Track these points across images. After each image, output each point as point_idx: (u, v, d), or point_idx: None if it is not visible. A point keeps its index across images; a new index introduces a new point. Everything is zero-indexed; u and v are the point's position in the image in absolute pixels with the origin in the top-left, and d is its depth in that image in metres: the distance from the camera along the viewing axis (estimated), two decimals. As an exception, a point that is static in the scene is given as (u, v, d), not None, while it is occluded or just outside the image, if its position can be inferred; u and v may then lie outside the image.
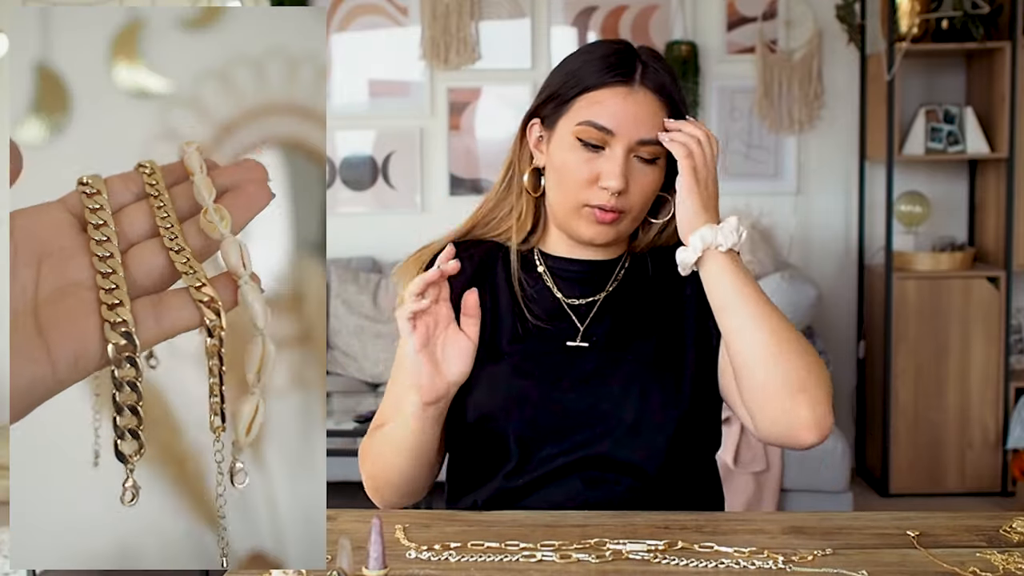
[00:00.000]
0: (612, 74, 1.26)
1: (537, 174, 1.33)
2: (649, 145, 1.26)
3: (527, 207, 1.34)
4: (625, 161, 1.25)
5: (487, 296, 1.32)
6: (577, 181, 1.26)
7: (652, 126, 1.26)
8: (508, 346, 1.30)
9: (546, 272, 1.34)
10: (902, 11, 3.65)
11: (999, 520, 1.15)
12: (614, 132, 1.25)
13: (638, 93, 1.26)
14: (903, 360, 3.75)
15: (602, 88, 1.26)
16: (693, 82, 3.98)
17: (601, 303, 1.32)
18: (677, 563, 1.03)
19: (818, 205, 4.09)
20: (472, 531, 1.13)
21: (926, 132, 3.80)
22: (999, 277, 3.73)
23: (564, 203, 1.29)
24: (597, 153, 1.26)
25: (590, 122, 1.25)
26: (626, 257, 1.35)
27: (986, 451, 3.75)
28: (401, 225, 4.09)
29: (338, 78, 4.09)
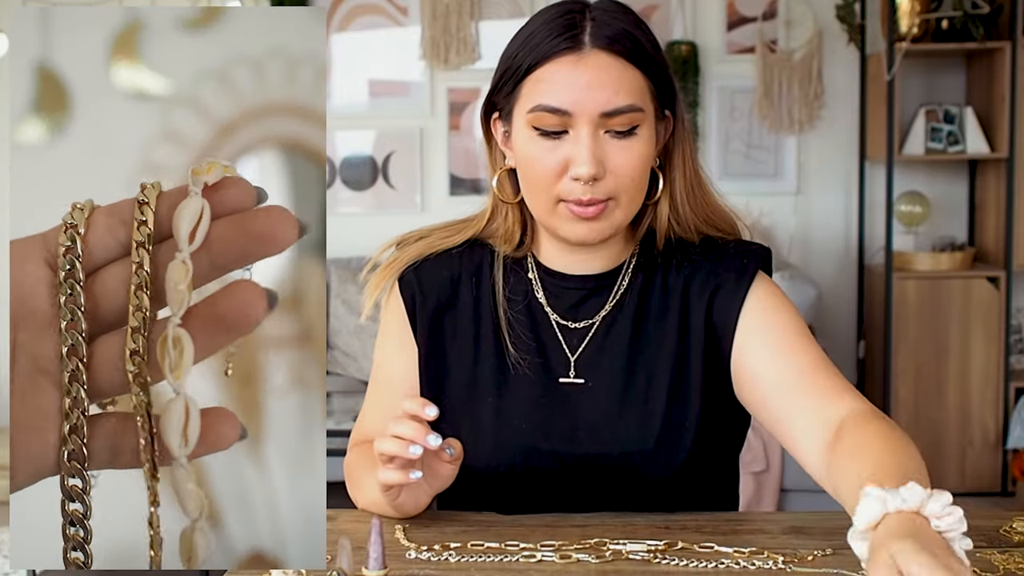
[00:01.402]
0: (555, 41, 1.07)
1: (515, 176, 1.17)
2: (619, 115, 1.07)
3: (512, 216, 1.18)
4: (593, 141, 1.07)
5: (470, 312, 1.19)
6: (544, 176, 1.09)
7: (616, 91, 1.06)
8: (492, 379, 1.17)
9: (536, 282, 1.19)
10: (902, 11, 3.65)
11: (999, 520, 1.15)
12: (571, 112, 1.06)
13: (589, 57, 1.07)
14: (903, 360, 3.75)
15: (548, 62, 1.07)
16: (693, 82, 3.97)
17: (598, 326, 1.17)
18: (677, 563, 1.03)
19: (818, 205, 4.08)
20: (472, 531, 1.13)
21: (926, 132, 3.80)
22: (999, 277, 3.73)
23: (537, 203, 1.12)
24: (560, 139, 1.08)
25: (540, 106, 1.07)
26: (631, 261, 1.19)
27: (986, 451, 3.75)
28: (401, 225, 4.03)
29: (338, 78, 4.09)
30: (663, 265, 1.18)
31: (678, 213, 1.17)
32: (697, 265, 1.17)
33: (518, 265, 1.21)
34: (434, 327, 1.21)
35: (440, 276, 1.21)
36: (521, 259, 1.21)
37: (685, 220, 1.17)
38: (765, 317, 1.15)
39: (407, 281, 1.22)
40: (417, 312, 1.21)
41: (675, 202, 1.17)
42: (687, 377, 1.16)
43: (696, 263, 1.18)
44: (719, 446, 1.20)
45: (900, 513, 0.81)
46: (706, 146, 4.04)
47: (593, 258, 1.18)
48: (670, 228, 1.17)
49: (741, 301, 1.15)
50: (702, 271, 1.17)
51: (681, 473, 1.15)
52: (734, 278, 1.16)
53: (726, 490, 1.27)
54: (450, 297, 1.21)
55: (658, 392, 1.15)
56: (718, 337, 1.16)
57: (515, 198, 1.18)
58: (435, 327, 1.21)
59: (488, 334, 1.18)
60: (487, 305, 1.19)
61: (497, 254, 1.21)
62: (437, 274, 1.21)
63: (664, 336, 1.16)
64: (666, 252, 1.18)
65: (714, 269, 1.17)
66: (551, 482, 1.16)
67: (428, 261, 1.22)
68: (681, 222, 1.17)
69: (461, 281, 1.21)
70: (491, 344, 1.18)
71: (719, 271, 1.17)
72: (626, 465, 1.14)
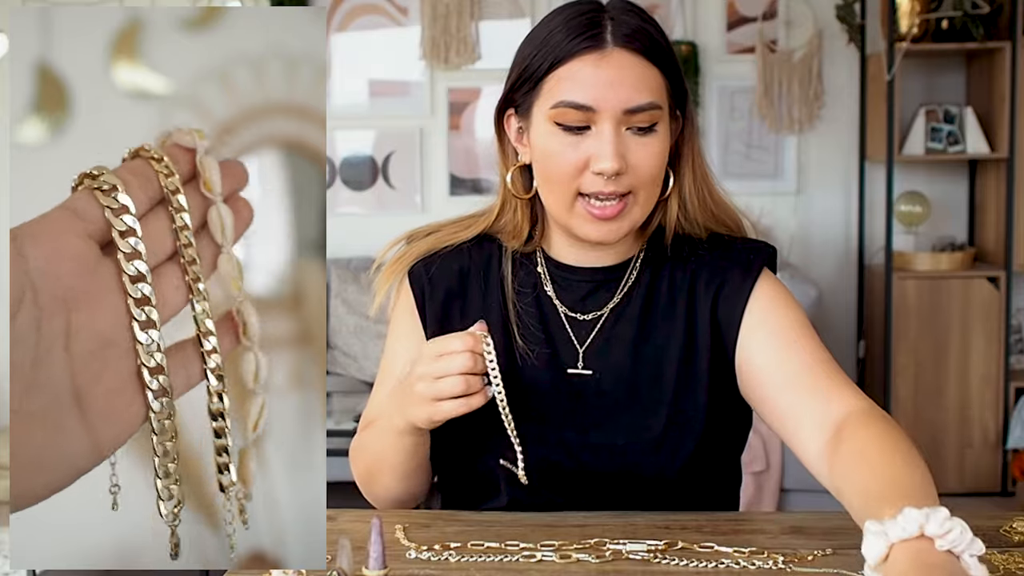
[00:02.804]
0: (578, 40, 1.09)
1: (527, 172, 1.18)
2: (641, 112, 1.09)
3: (522, 212, 1.20)
4: (616, 137, 1.09)
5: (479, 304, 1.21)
6: (565, 171, 1.11)
7: (638, 89, 1.09)
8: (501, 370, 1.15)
9: (545, 275, 1.21)
10: (902, 11, 3.65)
11: (999, 520, 1.15)
12: (595, 108, 1.09)
13: (612, 55, 1.09)
14: (903, 360, 3.75)
15: (571, 60, 1.10)
16: (693, 82, 3.97)
17: (606, 318, 1.19)
18: (677, 563, 1.03)
19: (818, 205, 4.08)
20: (472, 531, 1.13)
21: (926, 132, 3.80)
22: (999, 277, 3.73)
23: (556, 200, 1.14)
24: (582, 135, 1.10)
25: (565, 102, 1.09)
26: (639, 256, 1.21)
27: (986, 451, 3.75)
28: (401, 225, 4.03)
29: (338, 78, 4.09)
30: (671, 260, 1.20)
31: (687, 210, 1.19)
32: (704, 260, 1.19)
33: (527, 259, 1.22)
34: (443, 320, 1.23)
35: (450, 269, 1.23)
36: (530, 254, 1.23)
37: (693, 217, 1.19)
38: (770, 313, 1.16)
39: (417, 275, 1.25)
40: (427, 305, 1.23)
41: (684, 199, 1.19)
42: (694, 369, 1.17)
43: (703, 258, 1.19)
44: (723, 442, 1.22)
45: (904, 544, 0.82)
46: (706, 146, 4.02)
47: (602, 253, 1.20)
48: (678, 224, 1.19)
49: (746, 297, 1.17)
50: (709, 266, 1.19)
51: (685, 468, 1.16)
52: (740, 274, 1.18)
53: (728, 490, 1.27)
54: (459, 290, 1.23)
55: (665, 383, 1.17)
56: (722, 332, 1.17)
57: (527, 194, 1.19)
58: (444, 320, 1.23)
59: (497, 326, 1.19)
60: (496, 298, 1.21)
61: (506, 249, 1.22)
62: (447, 268, 1.23)
63: (671, 328, 1.18)
64: (674, 248, 1.20)
65: (720, 264, 1.19)
66: (558, 472, 1.16)
67: (438, 255, 1.25)
68: (689, 218, 1.19)
69: (470, 274, 1.23)
70: (500, 336, 1.19)
71: (725, 266, 1.19)
72: (632, 454, 1.15)
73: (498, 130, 1.21)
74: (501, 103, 1.19)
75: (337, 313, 3.88)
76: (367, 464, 1.23)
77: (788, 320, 1.16)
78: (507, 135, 1.20)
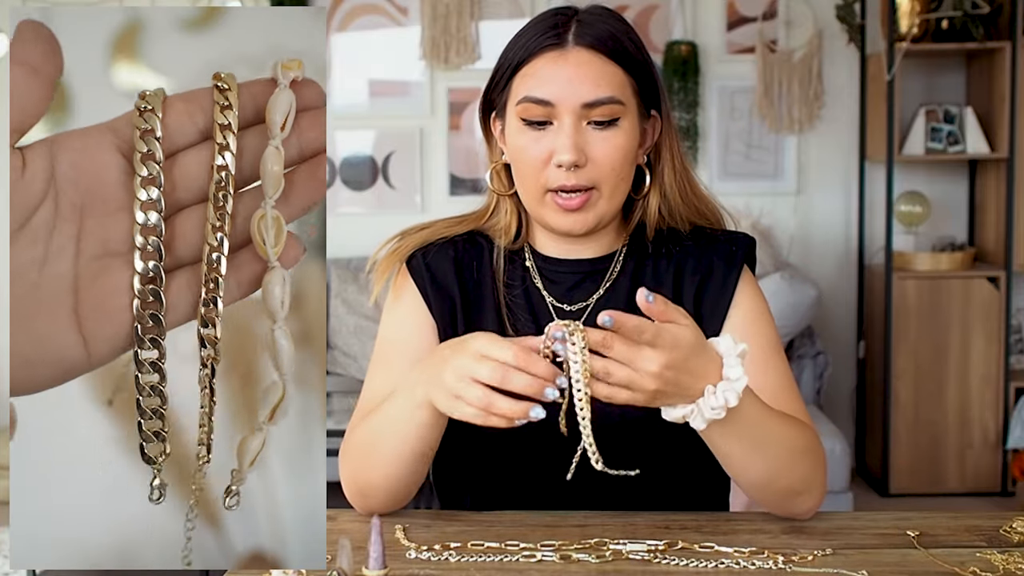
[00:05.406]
0: (542, 39, 1.16)
1: (509, 171, 1.24)
2: (600, 106, 1.14)
3: (509, 210, 1.26)
4: (576, 131, 1.14)
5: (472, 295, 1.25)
6: (531, 165, 1.17)
7: (597, 84, 1.14)
8: None
9: (533, 269, 1.26)
10: (902, 11, 3.65)
11: (999, 520, 1.15)
12: (554, 102, 1.14)
13: (570, 53, 1.15)
14: (903, 360, 3.75)
15: (534, 58, 1.16)
16: (693, 82, 3.98)
17: (592, 308, 1.22)
18: (677, 563, 1.03)
19: (818, 205, 4.08)
20: (472, 531, 1.13)
21: (926, 132, 3.80)
22: (999, 277, 3.73)
23: (528, 193, 1.20)
24: (544, 129, 1.16)
25: (527, 98, 1.16)
26: (623, 249, 1.26)
27: (986, 451, 3.75)
28: (401, 225, 4.02)
29: (338, 78, 4.09)
30: (654, 253, 1.25)
31: (669, 205, 1.24)
32: (688, 251, 1.25)
33: (516, 255, 1.28)
34: (444, 306, 1.25)
35: (445, 256, 1.27)
36: (518, 250, 1.28)
37: (676, 211, 1.25)
38: (748, 327, 1.21)
39: (416, 264, 1.28)
40: (429, 291, 1.26)
41: (665, 195, 1.24)
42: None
43: (687, 248, 1.25)
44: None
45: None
46: (706, 146, 4.05)
47: (586, 247, 1.25)
48: (661, 219, 1.25)
49: (729, 298, 1.22)
50: (693, 257, 1.24)
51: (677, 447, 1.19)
52: (723, 268, 1.23)
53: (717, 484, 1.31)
54: (454, 278, 1.26)
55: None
56: (704, 322, 1.21)
57: (508, 191, 1.25)
58: (443, 306, 1.25)
59: (490, 315, 1.24)
60: (488, 290, 1.25)
61: (496, 245, 1.28)
62: (442, 256, 1.27)
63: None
64: (657, 241, 1.25)
65: (704, 255, 1.24)
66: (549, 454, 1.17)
67: (433, 245, 1.29)
68: (672, 213, 1.25)
69: (463, 266, 1.27)
70: (493, 326, 1.23)
71: (709, 257, 1.24)
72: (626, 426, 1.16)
73: (485, 131, 1.27)
74: (482, 105, 1.26)
75: (337, 313, 3.88)
76: (364, 447, 1.18)
77: (763, 338, 1.21)
78: (494, 135, 1.26)
